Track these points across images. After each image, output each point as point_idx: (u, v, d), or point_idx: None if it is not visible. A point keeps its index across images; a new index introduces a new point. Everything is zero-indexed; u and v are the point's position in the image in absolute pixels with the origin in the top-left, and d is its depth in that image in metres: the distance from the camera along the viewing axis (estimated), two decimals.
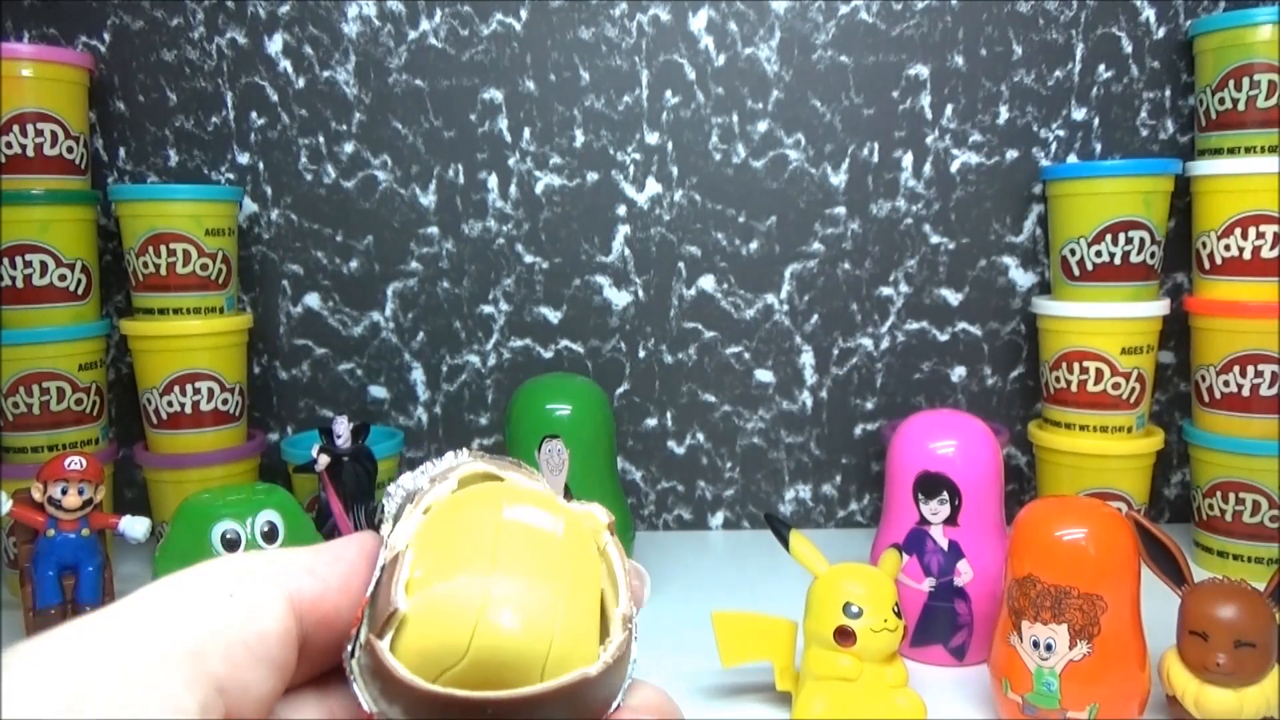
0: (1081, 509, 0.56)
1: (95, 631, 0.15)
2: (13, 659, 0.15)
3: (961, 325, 0.93)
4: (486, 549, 0.17)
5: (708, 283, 0.93)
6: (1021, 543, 0.56)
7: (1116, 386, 0.82)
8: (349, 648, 0.18)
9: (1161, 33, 0.89)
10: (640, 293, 0.93)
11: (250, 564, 0.17)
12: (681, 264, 0.93)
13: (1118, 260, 0.82)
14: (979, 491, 0.66)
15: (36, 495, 0.71)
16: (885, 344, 0.94)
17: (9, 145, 0.80)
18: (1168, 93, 0.90)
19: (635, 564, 0.21)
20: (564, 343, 0.94)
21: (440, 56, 0.91)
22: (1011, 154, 0.91)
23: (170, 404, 0.84)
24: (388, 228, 0.93)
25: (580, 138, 0.92)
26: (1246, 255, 0.80)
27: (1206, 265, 0.83)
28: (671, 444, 0.95)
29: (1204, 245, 0.83)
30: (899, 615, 0.56)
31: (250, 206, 0.93)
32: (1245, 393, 0.80)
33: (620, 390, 0.95)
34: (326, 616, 0.17)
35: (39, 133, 0.81)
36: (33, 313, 0.81)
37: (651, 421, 0.95)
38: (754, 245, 0.93)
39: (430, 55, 0.91)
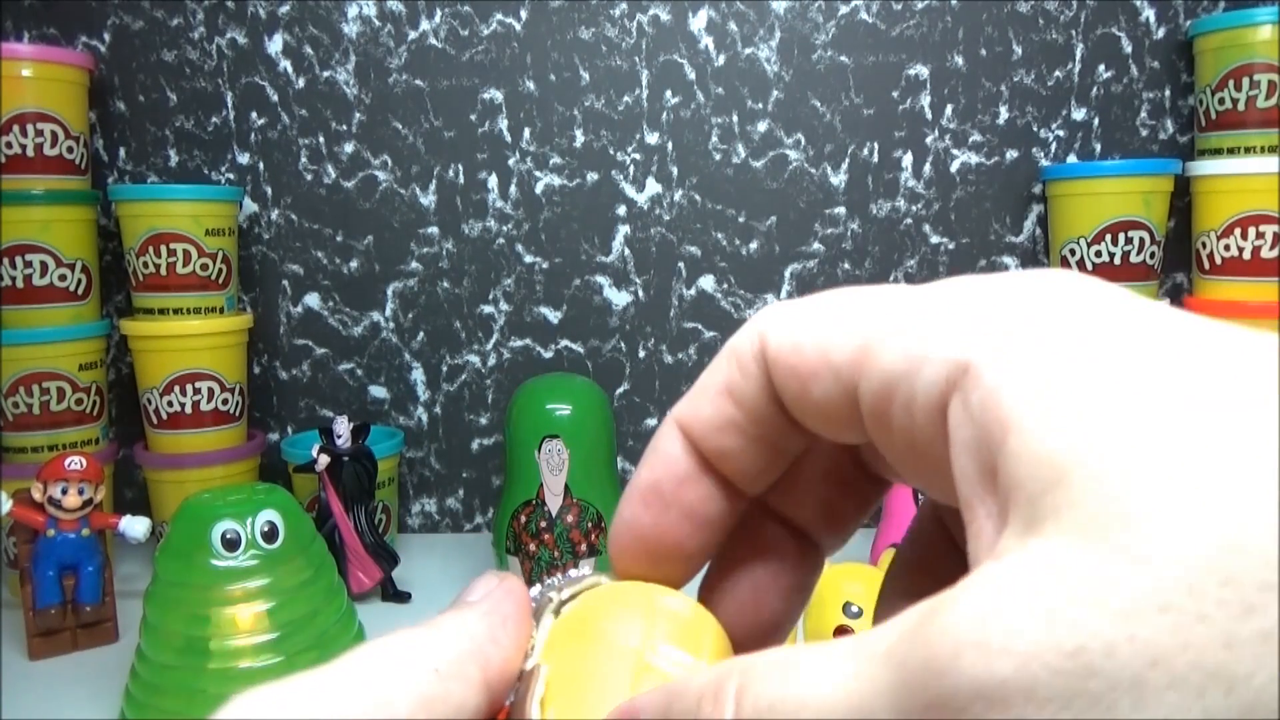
0: None
1: (306, 698, 0.15)
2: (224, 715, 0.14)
3: None
4: (622, 692, 0.17)
5: (708, 283, 0.93)
6: None
7: None
8: None
9: (1161, 33, 0.89)
10: (640, 293, 0.93)
11: (444, 637, 0.17)
12: (681, 264, 0.93)
13: (1118, 260, 0.82)
14: None
15: (36, 495, 0.71)
16: None
17: (9, 145, 0.80)
18: (1168, 93, 0.90)
19: None
20: (564, 343, 0.94)
21: (440, 56, 0.91)
22: (1011, 154, 0.91)
23: (170, 404, 0.84)
24: (388, 228, 0.93)
25: (580, 138, 0.92)
26: (1246, 255, 0.80)
27: (1206, 265, 0.83)
28: None
29: (1204, 245, 0.83)
30: None
31: (250, 206, 0.93)
32: None
33: (620, 390, 0.95)
34: (507, 683, 0.17)
35: (39, 133, 0.81)
36: (33, 313, 0.81)
37: (651, 421, 0.95)
38: (754, 245, 0.93)
39: (430, 55, 0.91)
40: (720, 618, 0.19)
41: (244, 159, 0.93)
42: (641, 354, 0.94)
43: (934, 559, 0.19)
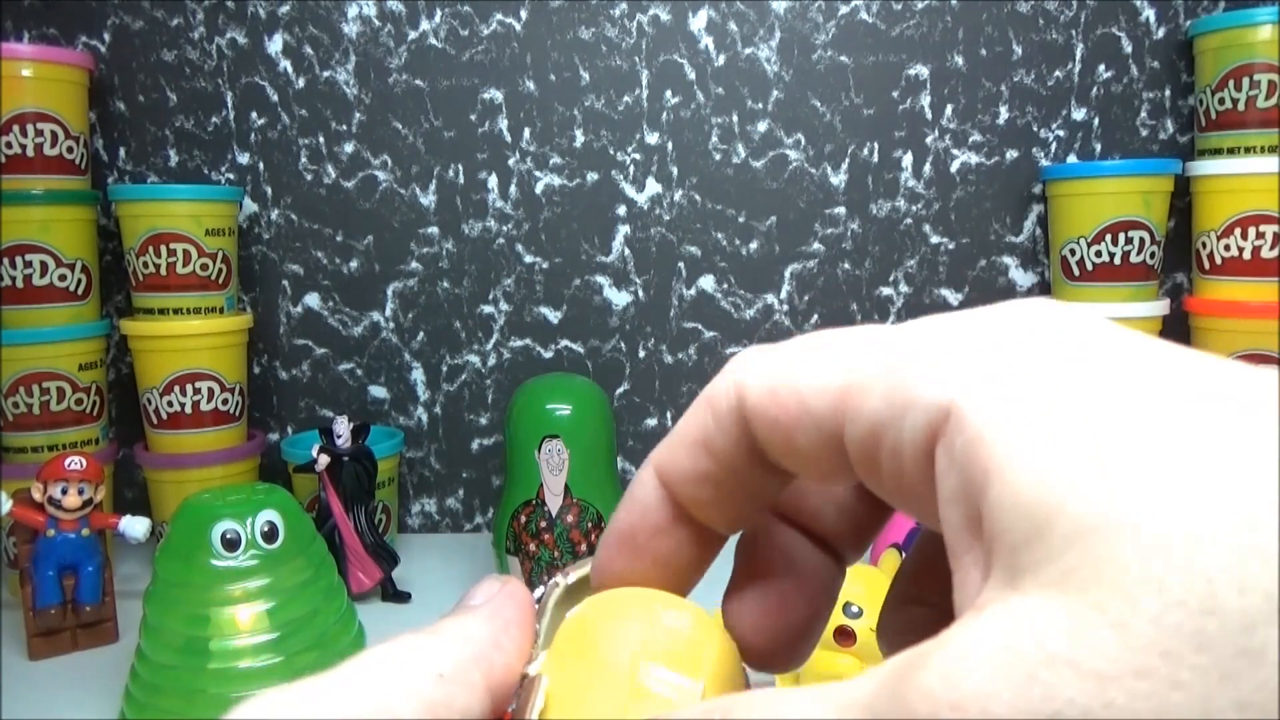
0: None
1: (309, 703, 0.15)
2: None
3: None
4: (612, 714, 0.17)
5: (708, 283, 0.93)
6: None
7: None
8: None
9: (1161, 33, 0.89)
10: (640, 293, 0.93)
11: (448, 643, 0.17)
12: (681, 264, 0.93)
13: (1118, 260, 0.82)
14: None
15: (36, 495, 0.71)
16: None
17: (9, 145, 0.80)
18: (1168, 93, 0.90)
19: None
20: (564, 343, 0.94)
21: (440, 56, 0.91)
22: (1011, 154, 0.91)
23: (170, 404, 0.84)
24: (388, 228, 0.93)
25: (580, 138, 0.92)
26: (1246, 255, 0.80)
27: (1206, 265, 0.83)
28: None
29: (1204, 245, 0.83)
30: None
31: (250, 206, 0.93)
32: None
33: (620, 390, 0.95)
34: (510, 689, 0.17)
35: (39, 133, 0.81)
36: (33, 313, 0.81)
37: (651, 421, 0.95)
38: (754, 245, 0.93)
39: (430, 55, 0.91)
40: (745, 626, 0.19)
41: (244, 159, 0.93)
42: (641, 354, 0.94)
43: (938, 565, 0.19)
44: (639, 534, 0.19)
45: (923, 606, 0.19)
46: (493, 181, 0.92)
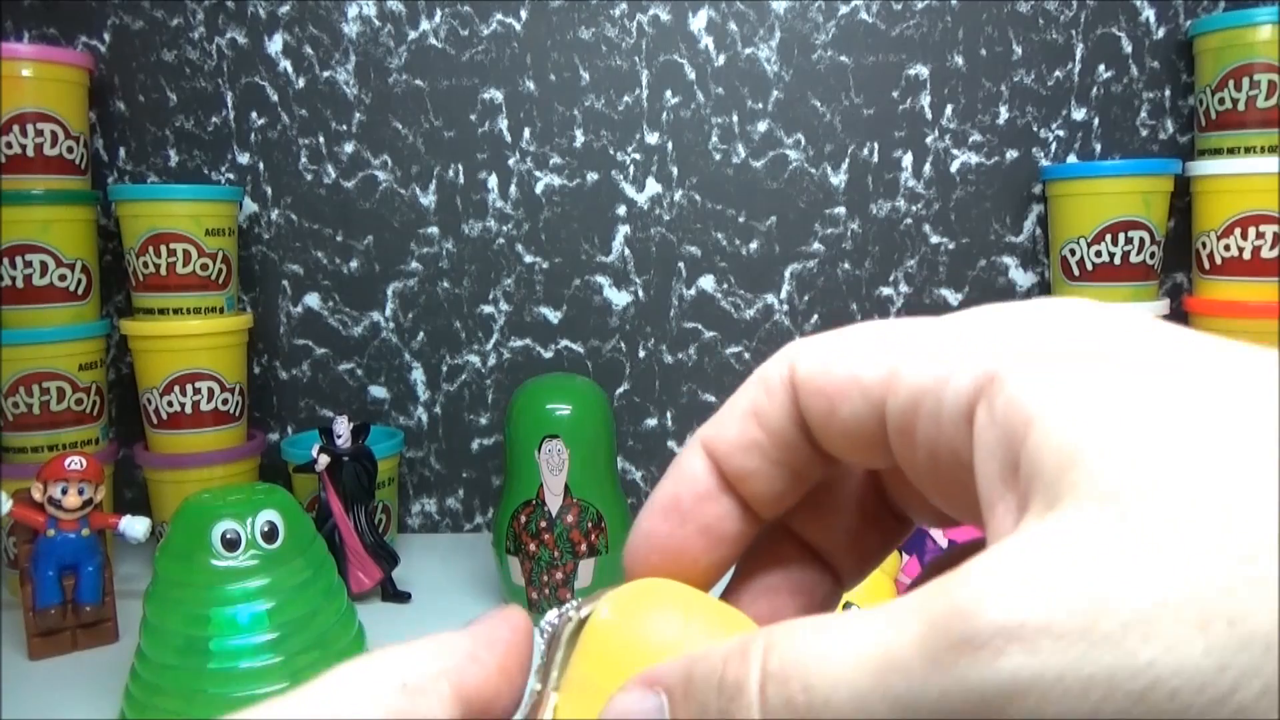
0: None
1: (277, 715, 0.15)
2: None
3: None
4: None
5: (708, 283, 0.93)
6: None
7: None
8: None
9: (1161, 33, 0.89)
10: (640, 293, 0.93)
11: (417, 653, 0.17)
12: (681, 264, 0.93)
13: (1118, 260, 0.82)
14: None
15: (36, 495, 0.71)
16: None
17: (9, 145, 0.80)
18: (1168, 93, 0.90)
19: None
20: (564, 343, 0.94)
21: (440, 56, 0.91)
22: (1011, 154, 0.91)
23: (170, 404, 0.84)
24: (388, 228, 0.93)
25: (580, 138, 0.92)
26: (1246, 255, 0.80)
27: (1206, 265, 0.83)
28: (671, 444, 0.95)
29: (1204, 245, 0.83)
30: None
31: (250, 206, 0.93)
32: None
33: (620, 390, 0.95)
34: (488, 703, 0.17)
35: (39, 133, 0.81)
36: (33, 313, 0.81)
37: (651, 421, 0.95)
38: (754, 245, 0.93)
39: (430, 55, 0.91)
40: None
41: (244, 159, 0.93)
42: (641, 354, 0.94)
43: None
44: (684, 500, 0.19)
45: None
46: (493, 181, 0.92)
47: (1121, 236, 0.82)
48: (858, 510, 0.20)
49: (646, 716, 0.15)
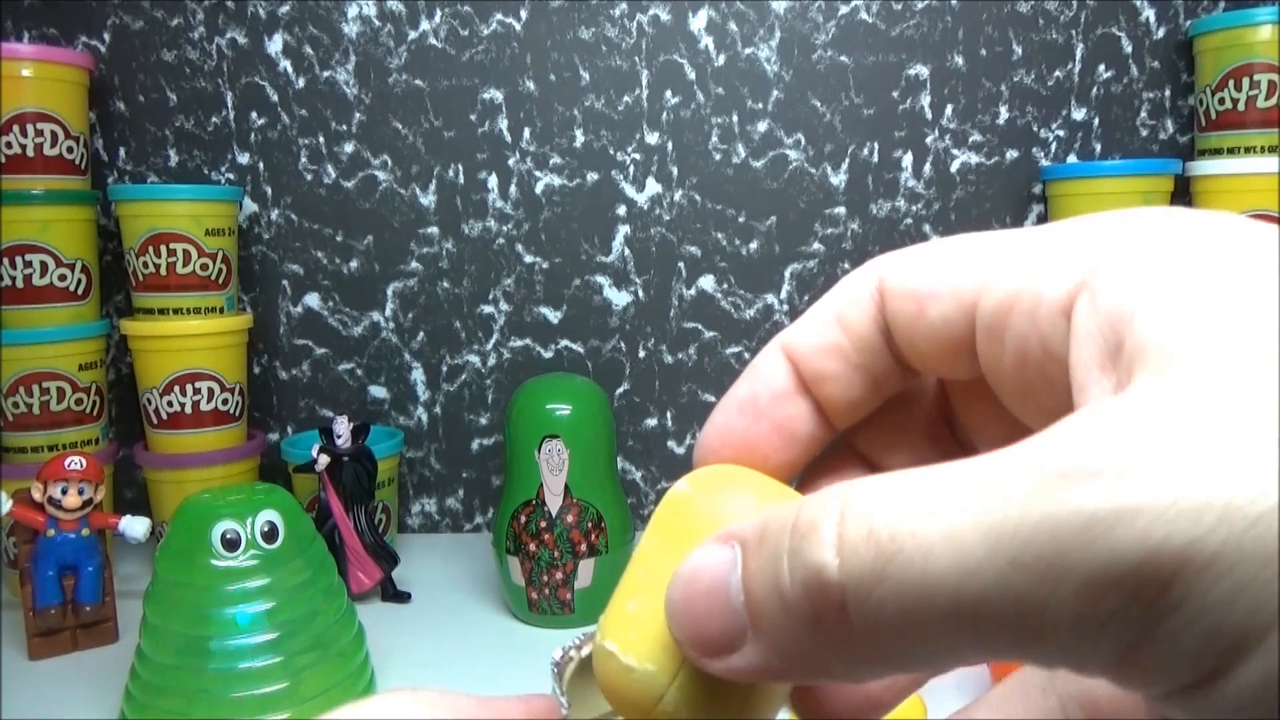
0: None
1: None
2: None
3: None
4: None
5: (708, 283, 0.93)
6: None
7: None
8: None
9: (1161, 33, 0.89)
10: (640, 293, 0.93)
11: (422, 693, 0.17)
12: (681, 264, 0.93)
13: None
14: None
15: (36, 495, 0.71)
16: None
17: (9, 145, 0.80)
18: (1168, 93, 0.90)
19: None
20: (564, 343, 0.94)
21: (440, 56, 0.91)
22: (1011, 154, 0.91)
23: (170, 404, 0.84)
24: (388, 228, 0.93)
25: (580, 138, 0.92)
26: None
27: None
28: (671, 444, 0.95)
29: None
30: None
31: (250, 206, 0.93)
32: None
33: (620, 390, 0.95)
34: None
35: (39, 133, 0.81)
36: (33, 313, 0.81)
37: (651, 421, 0.95)
38: (754, 245, 0.93)
39: (430, 55, 0.91)
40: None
41: (244, 159, 0.93)
42: (641, 354, 0.94)
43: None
44: (760, 397, 0.19)
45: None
46: (493, 181, 0.92)
47: None
48: (925, 434, 0.20)
49: (719, 567, 0.15)
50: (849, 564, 0.13)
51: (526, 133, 0.92)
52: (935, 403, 0.20)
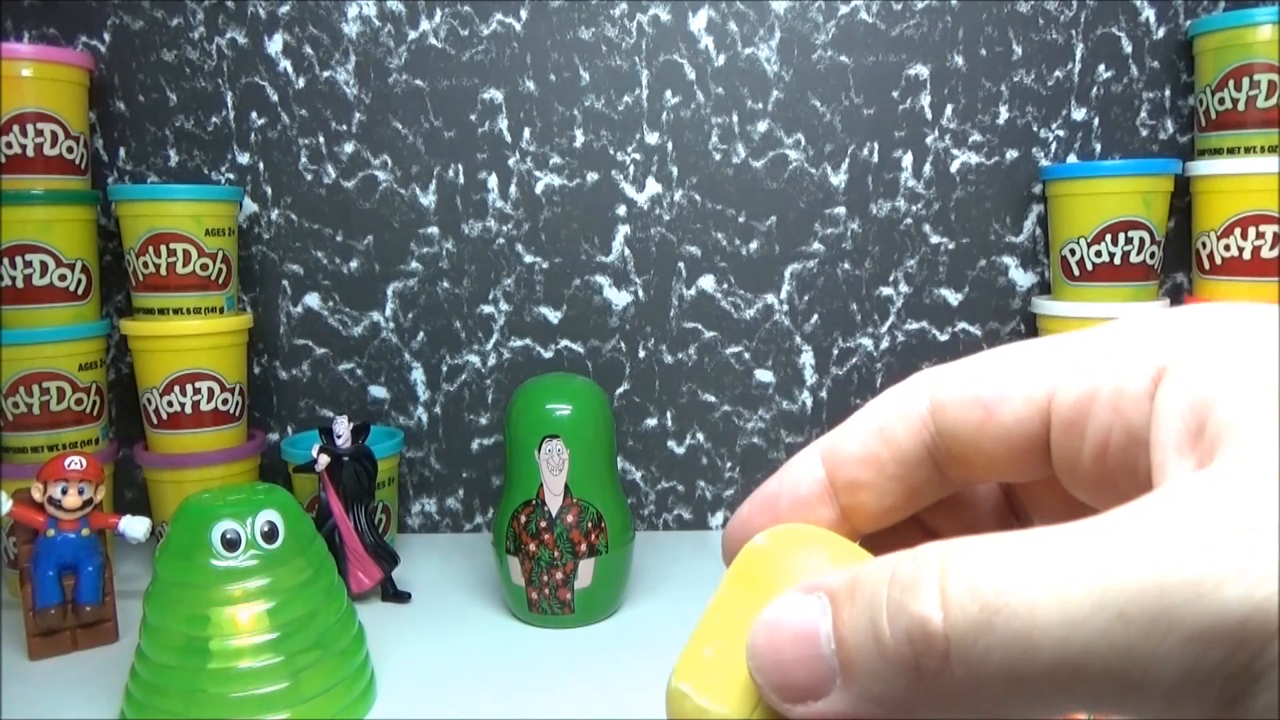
0: None
1: None
2: None
3: (961, 325, 0.93)
4: None
5: (708, 283, 0.93)
6: None
7: None
8: None
9: (1161, 33, 0.89)
10: (640, 293, 0.93)
11: None
12: (681, 264, 0.93)
13: (1118, 260, 0.82)
14: None
15: (36, 495, 0.71)
16: (885, 344, 0.94)
17: (9, 145, 0.80)
18: (1168, 93, 0.90)
19: None
20: (564, 343, 0.94)
21: (440, 56, 0.91)
22: (1011, 154, 0.91)
23: (170, 404, 0.84)
24: (388, 228, 0.93)
25: (580, 138, 0.92)
26: (1246, 255, 0.80)
27: (1206, 265, 0.83)
28: (671, 444, 0.95)
29: (1204, 245, 0.83)
30: None
31: (250, 206, 0.93)
32: None
33: (620, 390, 0.95)
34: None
35: (39, 133, 0.81)
36: (33, 313, 0.81)
37: (651, 421, 0.95)
38: (754, 245, 0.93)
39: (430, 55, 0.91)
40: None
41: (244, 159, 0.93)
42: (641, 354, 0.94)
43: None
44: (782, 499, 0.19)
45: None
46: (493, 181, 0.92)
47: (1121, 236, 0.82)
48: (992, 511, 0.21)
49: (807, 614, 0.15)
50: (954, 615, 0.13)
51: (526, 133, 0.92)
52: (996, 493, 0.21)
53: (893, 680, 0.14)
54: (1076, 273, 0.84)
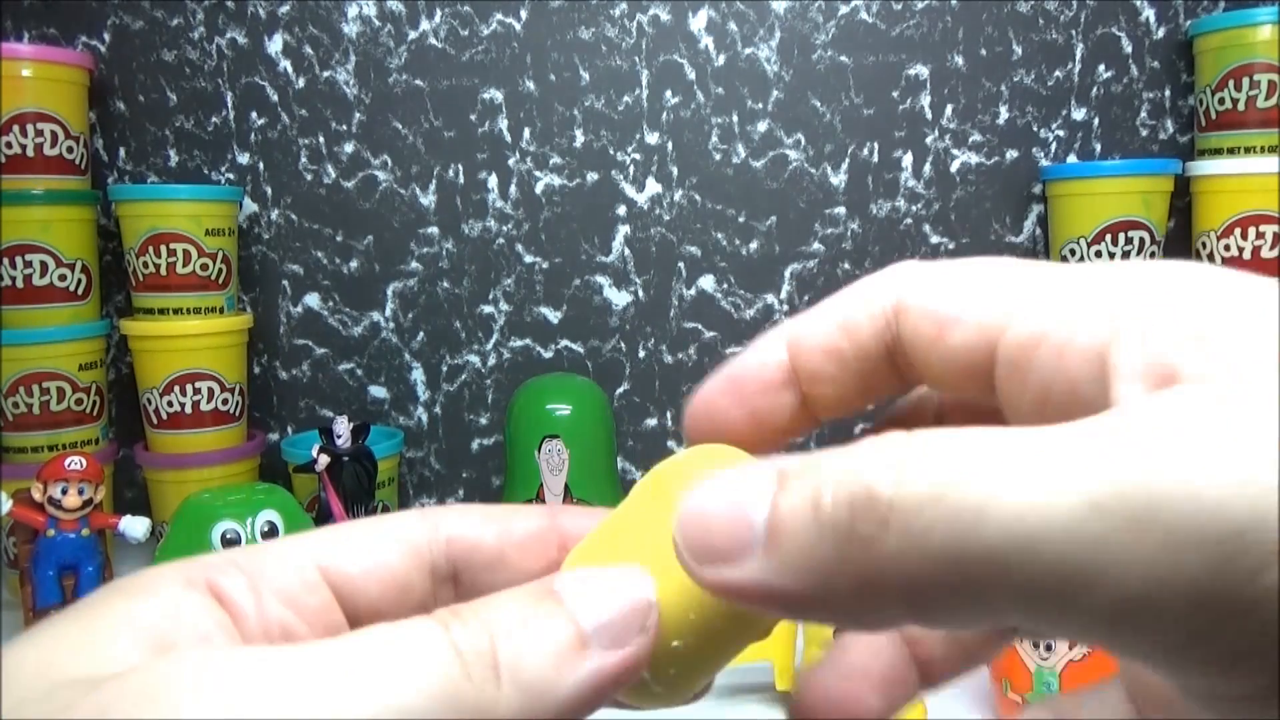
0: None
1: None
2: None
3: None
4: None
5: (708, 283, 0.93)
6: None
7: None
8: None
9: (1161, 33, 0.89)
10: (640, 293, 0.93)
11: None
12: (681, 264, 0.93)
13: (1118, 260, 0.82)
14: None
15: (36, 495, 0.71)
16: None
17: (9, 145, 0.80)
18: (1168, 93, 0.90)
19: None
20: (564, 343, 0.94)
21: (440, 56, 0.91)
22: (1011, 154, 0.91)
23: (170, 404, 0.84)
24: (388, 228, 0.93)
25: (580, 138, 0.92)
26: (1246, 255, 0.80)
27: None
28: (671, 444, 0.95)
29: (1204, 245, 0.83)
30: None
31: (250, 206, 0.93)
32: None
33: (620, 390, 0.95)
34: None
35: (39, 133, 0.81)
36: (33, 313, 0.81)
37: (651, 421, 0.95)
38: (754, 245, 0.93)
39: (430, 55, 0.91)
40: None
41: (244, 159, 0.93)
42: (641, 354, 0.94)
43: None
44: (748, 383, 0.19)
45: None
46: (493, 181, 0.92)
47: (1121, 236, 0.82)
48: (935, 421, 0.20)
49: (748, 485, 0.14)
50: (905, 486, 0.12)
51: (526, 133, 0.92)
52: (935, 406, 0.20)
53: (817, 547, 0.13)
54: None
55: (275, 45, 0.91)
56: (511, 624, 0.15)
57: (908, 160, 0.92)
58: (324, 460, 0.77)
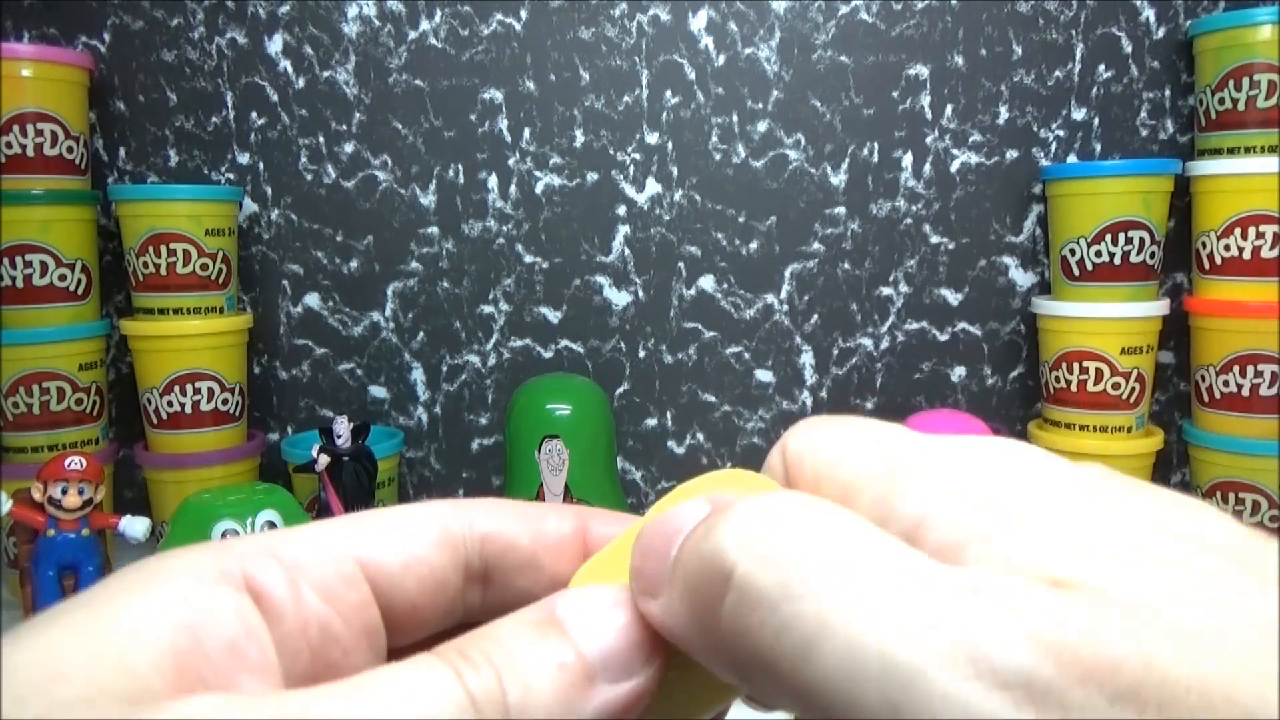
0: None
1: None
2: None
3: (961, 325, 0.93)
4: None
5: (708, 283, 0.93)
6: None
7: (1116, 386, 0.82)
8: None
9: (1161, 33, 0.89)
10: (640, 293, 0.93)
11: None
12: (681, 264, 0.93)
13: (1117, 260, 0.82)
14: None
15: (36, 495, 0.71)
16: (885, 344, 0.94)
17: (9, 145, 0.80)
18: (1168, 93, 0.90)
19: None
20: (564, 343, 0.94)
21: (440, 56, 0.91)
22: (1011, 154, 0.91)
23: (170, 404, 0.84)
24: (388, 228, 0.93)
25: (580, 138, 0.92)
26: (1246, 255, 0.80)
27: (1206, 265, 0.83)
28: (671, 444, 0.95)
29: (1204, 245, 0.83)
30: None
31: (250, 206, 0.93)
32: (1245, 393, 0.80)
33: (620, 390, 0.95)
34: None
35: (39, 133, 0.81)
36: (33, 313, 0.81)
37: (651, 421, 0.95)
38: (754, 245, 0.93)
39: (430, 55, 0.91)
40: None
41: (244, 159, 0.93)
42: (641, 354, 0.94)
43: None
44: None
45: None
46: (493, 181, 0.92)
47: (1121, 236, 0.82)
48: None
49: (683, 518, 0.15)
50: (753, 574, 0.13)
51: (526, 133, 0.92)
52: None
53: (681, 601, 0.14)
54: (1076, 273, 0.84)
55: (275, 45, 0.91)
56: (517, 662, 0.14)
57: (908, 160, 0.92)
58: (324, 460, 0.77)
